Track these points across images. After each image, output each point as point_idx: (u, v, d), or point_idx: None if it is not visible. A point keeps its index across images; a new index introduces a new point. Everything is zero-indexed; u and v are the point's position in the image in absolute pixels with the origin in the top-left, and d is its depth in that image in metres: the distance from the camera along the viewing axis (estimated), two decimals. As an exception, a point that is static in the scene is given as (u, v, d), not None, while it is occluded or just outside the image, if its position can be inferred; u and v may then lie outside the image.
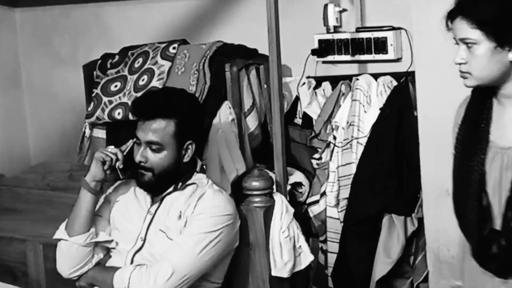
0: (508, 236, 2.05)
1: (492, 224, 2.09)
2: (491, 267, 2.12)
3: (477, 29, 2.03)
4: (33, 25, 4.31)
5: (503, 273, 2.11)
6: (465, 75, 2.09)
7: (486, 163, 2.10)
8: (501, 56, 2.04)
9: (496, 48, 2.03)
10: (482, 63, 2.05)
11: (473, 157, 2.12)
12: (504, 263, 2.08)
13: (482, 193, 2.10)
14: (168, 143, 2.59)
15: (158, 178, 2.61)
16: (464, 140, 2.17)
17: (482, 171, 2.10)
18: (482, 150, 2.11)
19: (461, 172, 2.16)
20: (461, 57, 2.08)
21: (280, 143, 2.78)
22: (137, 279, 2.50)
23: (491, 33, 2.02)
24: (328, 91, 3.42)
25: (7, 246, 3.42)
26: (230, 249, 2.64)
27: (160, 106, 2.59)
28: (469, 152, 2.13)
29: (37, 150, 4.37)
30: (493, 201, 2.09)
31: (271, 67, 2.75)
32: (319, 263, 3.35)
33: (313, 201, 3.34)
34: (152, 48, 3.54)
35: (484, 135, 2.12)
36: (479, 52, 2.04)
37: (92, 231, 2.62)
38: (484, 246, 2.11)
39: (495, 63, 2.05)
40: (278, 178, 2.78)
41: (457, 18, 2.07)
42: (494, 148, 2.11)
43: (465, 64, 2.07)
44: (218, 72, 3.28)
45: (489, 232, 2.09)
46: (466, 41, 2.06)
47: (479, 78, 2.07)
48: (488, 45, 2.03)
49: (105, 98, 3.52)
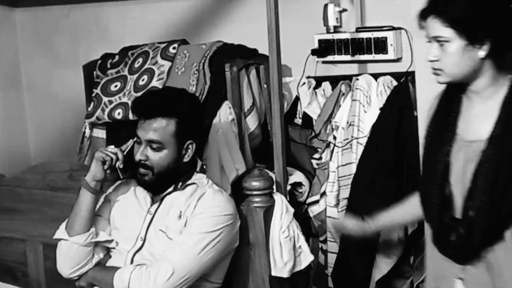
0: (467, 224, 2.15)
1: (452, 213, 2.19)
2: (449, 254, 2.22)
3: (449, 28, 2.12)
4: (33, 25, 4.32)
5: (461, 259, 2.20)
6: (438, 72, 2.19)
7: (451, 154, 2.20)
8: (472, 53, 2.13)
9: (467, 45, 2.12)
10: (454, 60, 2.14)
11: (440, 148, 2.22)
12: (462, 250, 2.18)
13: (445, 182, 2.20)
14: (169, 142, 2.59)
15: (158, 177, 2.61)
16: (433, 131, 2.28)
17: (447, 161, 2.20)
18: (449, 142, 2.21)
19: (428, 161, 2.27)
20: (434, 55, 2.17)
21: (280, 143, 2.78)
22: (137, 279, 2.50)
23: (462, 31, 2.11)
24: (328, 91, 3.42)
25: (7, 246, 3.42)
26: (230, 249, 2.65)
27: (160, 105, 2.60)
28: (437, 143, 2.24)
29: (37, 150, 4.37)
30: (455, 191, 2.19)
31: (271, 67, 2.75)
32: (319, 263, 3.35)
33: (313, 201, 3.34)
34: (152, 48, 3.54)
35: (452, 128, 2.23)
36: (451, 49, 2.14)
37: (92, 231, 2.62)
38: (444, 233, 2.21)
39: (466, 60, 2.14)
40: (278, 178, 2.78)
41: (429, 17, 2.16)
42: (460, 141, 2.20)
43: (438, 62, 2.17)
44: (218, 72, 3.28)
45: (449, 220, 2.19)
46: (438, 39, 2.15)
47: (451, 74, 2.17)
48: (459, 43, 2.12)
49: (105, 98, 3.52)
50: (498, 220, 2.12)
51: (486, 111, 2.18)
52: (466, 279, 2.21)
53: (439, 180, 2.21)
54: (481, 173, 2.13)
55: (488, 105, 2.18)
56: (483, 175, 2.12)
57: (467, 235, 2.15)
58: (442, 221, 2.21)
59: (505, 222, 2.13)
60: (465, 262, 2.21)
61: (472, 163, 2.15)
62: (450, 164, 2.21)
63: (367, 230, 2.60)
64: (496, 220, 2.12)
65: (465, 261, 2.20)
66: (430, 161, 2.27)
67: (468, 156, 2.17)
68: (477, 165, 2.14)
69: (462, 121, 2.23)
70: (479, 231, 2.14)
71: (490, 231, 2.13)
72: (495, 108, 2.15)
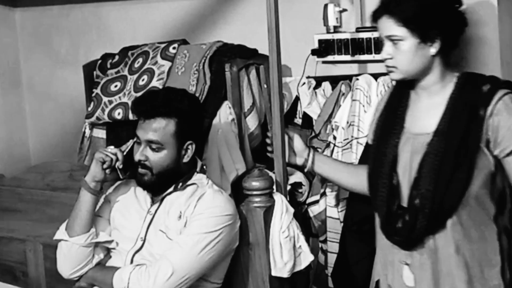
0: (412, 212, 2.28)
1: (399, 201, 2.33)
2: (396, 240, 2.36)
3: (403, 27, 2.25)
4: (33, 25, 4.31)
5: (407, 245, 2.34)
6: (391, 69, 2.31)
7: (399, 146, 2.34)
8: (424, 51, 2.27)
9: (419, 43, 2.26)
10: (407, 58, 2.27)
11: (388, 140, 2.37)
12: (407, 236, 2.31)
13: (393, 173, 2.34)
14: (168, 142, 2.59)
15: (157, 178, 2.61)
16: (383, 125, 2.42)
17: (395, 153, 2.34)
18: (397, 134, 2.36)
19: (377, 153, 2.40)
20: (388, 53, 2.30)
21: (280, 143, 2.78)
22: (136, 279, 2.50)
23: (415, 30, 2.24)
24: (328, 91, 3.42)
25: (7, 246, 3.43)
26: (230, 249, 2.65)
27: (160, 105, 2.60)
28: (385, 136, 2.38)
29: (37, 150, 4.37)
30: (403, 181, 2.33)
31: (271, 67, 2.75)
32: (319, 263, 3.35)
33: (313, 201, 3.34)
34: (152, 48, 3.54)
35: (400, 122, 2.37)
36: (404, 48, 2.26)
37: (92, 231, 2.62)
38: (391, 221, 2.34)
39: (419, 57, 2.27)
40: (278, 178, 2.78)
41: (383, 16, 2.29)
42: (407, 134, 2.34)
43: (391, 59, 2.30)
44: (218, 72, 3.27)
45: (396, 208, 2.32)
46: (392, 38, 2.27)
47: (404, 71, 2.30)
48: (413, 41, 2.26)
49: (105, 98, 3.52)
50: (441, 209, 2.25)
51: (432, 106, 2.31)
52: (412, 264, 2.34)
53: (387, 171, 2.35)
54: (427, 164, 2.26)
55: (434, 100, 2.31)
56: (428, 166, 2.25)
57: (412, 222, 2.28)
58: (390, 209, 2.34)
59: (447, 210, 2.26)
60: (410, 248, 2.34)
61: (418, 154, 2.28)
62: (398, 156, 2.33)
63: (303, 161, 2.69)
64: (439, 208, 2.25)
65: (410, 247, 2.33)
66: (379, 153, 2.39)
67: (414, 148, 2.30)
68: (423, 156, 2.27)
69: (409, 115, 2.37)
70: (423, 219, 2.26)
71: (433, 218, 2.26)
72: (441, 103, 2.29)
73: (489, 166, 2.27)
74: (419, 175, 2.27)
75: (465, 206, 2.27)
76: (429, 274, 2.33)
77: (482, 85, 2.27)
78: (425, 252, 2.32)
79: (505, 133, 2.23)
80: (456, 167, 2.23)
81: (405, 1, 2.25)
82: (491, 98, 2.24)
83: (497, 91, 2.25)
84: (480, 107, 2.24)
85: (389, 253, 2.40)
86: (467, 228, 2.29)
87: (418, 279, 2.35)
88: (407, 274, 2.36)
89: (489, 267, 2.31)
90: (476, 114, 2.24)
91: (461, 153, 2.23)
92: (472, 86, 2.28)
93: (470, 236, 2.29)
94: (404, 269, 2.36)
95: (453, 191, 2.24)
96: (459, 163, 2.23)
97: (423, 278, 2.34)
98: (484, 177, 2.27)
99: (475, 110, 2.24)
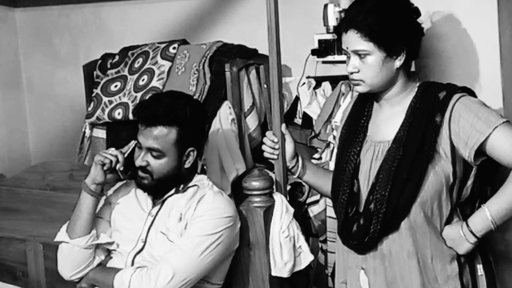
0: (367, 216, 2.31)
1: (358, 207, 2.36)
2: (351, 244, 2.38)
3: (369, 41, 2.26)
4: (33, 25, 4.32)
5: (361, 249, 2.36)
6: (358, 82, 2.33)
7: (361, 154, 2.38)
8: (390, 64, 2.29)
9: (386, 57, 2.27)
10: (374, 71, 2.29)
11: (351, 148, 2.40)
12: (361, 240, 2.33)
13: (354, 179, 2.37)
14: (169, 150, 2.58)
15: (158, 182, 2.60)
16: (346, 133, 2.46)
17: (357, 161, 2.38)
18: (359, 143, 2.40)
19: (340, 160, 2.43)
20: (354, 66, 2.32)
21: (280, 143, 2.78)
22: (137, 281, 2.50)
23: (382, 44, 2.26)
24: (328, 91, 3.42)
25: (7, 246, 3.42)
26: (231, 250, 2.64)
27: (162, 114, 2.57)
28: (348, 144, 2.42)
29: (37, 150, 4.37)
30: (363, 187, 2.36)
31: (271, 67, 2.75)
32: (319, 263, 3.35)
33: (313, 201, 3.34)
34: (152, 48, 3.54)
35: (362, 130, 2.41)
36: (371, 61, 2.29)
37: (93, 233, 2.62)
38: (347, 225, 2.37)
39: (385, 70, 2.29)
40: (278, 178, 2.78)
41: (348, 31, 2.30)
42: (369, 142, 2.38)
43: (358, 73, 2.32)
44: (218, 72, 3.28)
45: (353, 213, 2.35)
46: (359, 52, 2.29)
47: (371, 84, 2.32)
48: (379, 55, 2.28)
49: (105, 98, 3.52)
50: (394, 212, 2.26)
51: (393, 116, 2.35)
52: (366, 268, 2.37)
53: (348, 178, 2.37)
54: (383, 170, 2.29)
55: (395, 109, 2.35)
56: (385, 172, 2.28)
57: (366, 226, 2.30)
58: (347, 214, 2.37)
59: (400, 214, 2.27)
60: (365, 252, 2.36)
61: (378, 161, 2.32)
62: (360, 163, 2.37)
63: (290, 163, 2.67)
64: (393, 211, 2.26)
65: (364, 251, 2.36)
66: (341, 161, 2.42)
67: (375, 155, 2.34)
68: (381, 163, 2.30)
69: (372, 124, 2.41)
70: (377, 223, 2.28)
71: (387, 222, 2.28)
72: (401, 112, 2.32)
73: (447, 172, 2.26)
74: (376, 180, 2.30)
75: (419, 211, 2.27)
76: (382, 279, 2.34)
77: (438, 92, 2.29)
78: (378, 256, 2.33)
79: (469, 130, 2.21)
80: (411, 173, 2.24)
81: (371, 16, 2.25)
82: (447, 104, 2.26)
83: (452, 97, 2.26)
84: (436, 113, 2.26)
85: (346, 257, 2.43)
86: (421, 233, 2.28)
87: (372, 283, 2.36)
88: (363, 278, 2.38)
89: (444, 272, 2.30)
90: (432, 120, 2.26)
91: (417, 159, 2.25)
92: (430, 95, 2.30)
93: (425, 241, 2.29)
94: (361, 273, 2.38)
95: (407, 196, 2.25)
96: (414, 169, 2.24)
97: (377, 283, 2.35)
98: (441, 182, 2.26)
99: (432, 117, 2.26)
